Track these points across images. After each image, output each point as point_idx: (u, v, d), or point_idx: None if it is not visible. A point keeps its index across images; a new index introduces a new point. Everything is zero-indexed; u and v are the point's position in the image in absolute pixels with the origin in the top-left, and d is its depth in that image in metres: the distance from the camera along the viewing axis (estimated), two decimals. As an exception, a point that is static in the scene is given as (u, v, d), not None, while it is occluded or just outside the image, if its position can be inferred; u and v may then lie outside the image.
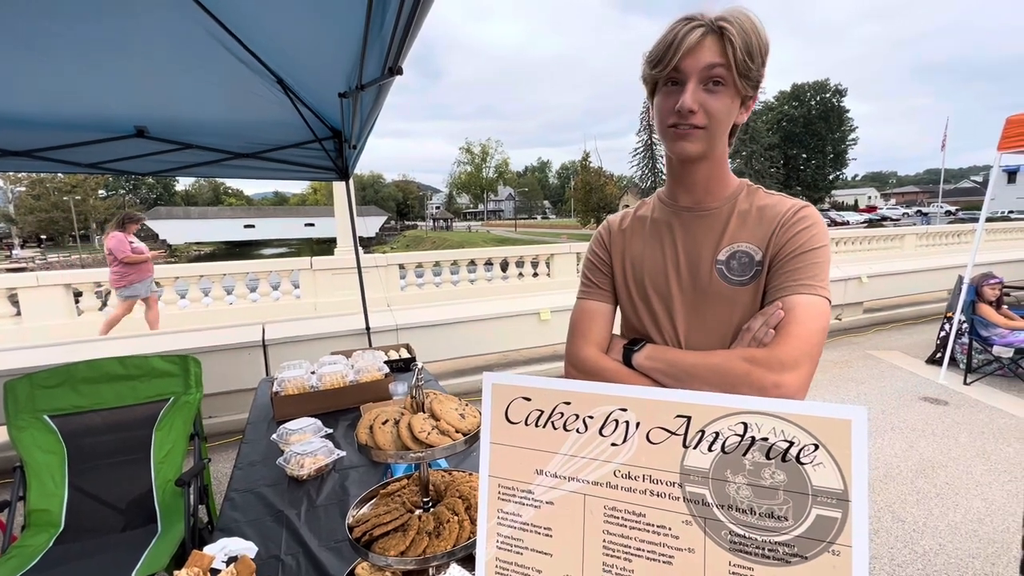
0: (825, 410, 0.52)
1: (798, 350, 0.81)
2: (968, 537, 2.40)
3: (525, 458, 0.65)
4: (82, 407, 2.13)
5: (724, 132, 0.91)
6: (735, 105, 0.89)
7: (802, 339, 0.82)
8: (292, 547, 1.29)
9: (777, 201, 0.95)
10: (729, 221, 0.95)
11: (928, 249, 10.38)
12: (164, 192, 69.70)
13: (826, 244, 0.90)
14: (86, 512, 2.01)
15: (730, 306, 0.92)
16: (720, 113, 0.87)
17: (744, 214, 0.94)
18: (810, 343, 0.82)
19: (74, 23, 1.65)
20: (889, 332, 6.16)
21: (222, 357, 3.63)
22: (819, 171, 45.05)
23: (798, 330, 0.83)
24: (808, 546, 0.51)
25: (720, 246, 0.94)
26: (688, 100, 0.84)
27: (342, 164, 3.21)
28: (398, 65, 1.48)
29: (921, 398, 4.10)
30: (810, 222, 0.90)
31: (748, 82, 0.86)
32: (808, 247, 0.88)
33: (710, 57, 0.83)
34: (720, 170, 0.96)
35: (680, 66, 0.85)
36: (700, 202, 0.97)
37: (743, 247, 0.93)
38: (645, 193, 47.97)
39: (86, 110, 2.35)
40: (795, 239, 0.89)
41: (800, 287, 0.86)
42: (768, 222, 0.92)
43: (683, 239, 0.98)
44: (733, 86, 0.85)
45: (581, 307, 1.09)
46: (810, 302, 0.85)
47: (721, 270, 0.93)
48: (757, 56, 0.85)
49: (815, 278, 0.87)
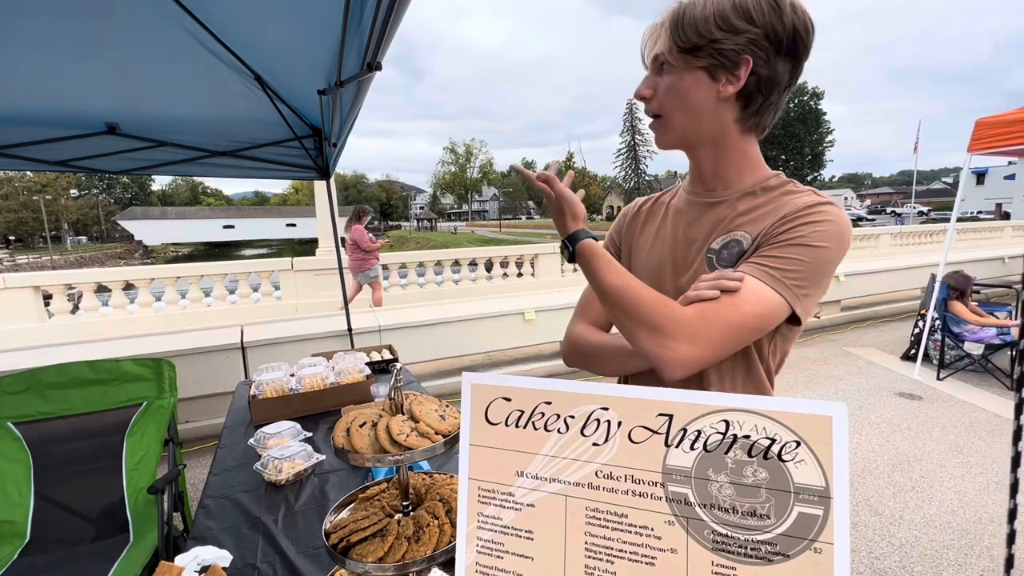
0: (806, 407, 0.52)
1: (694, 327, 0.72)
2: (942, 529, 2.46)
3: (506, 460, 0.64)
4: (49, 413, 2.05)
5: (692, 114, 0.83)
6: (691, 82, 0.81)
7: (708, 321, 0.73)
8: (269, 555, 1.26)
9: (802, 195, 0.83)
10: (735, 209, 0.86)
11: (902, 248, 10.66)
12: (139, 191, 68.12)
13: (827, 246, 0.76)
14: (54, 522, 1.94)
15: None
16: (664, 95, 0.84)
17: (756, 204, 0.85)
18: (713, 329, 0.72)
19: (41, 16, 1.59)
20: (866, 329, 6.30)
21: (198, 360, 3.54)
22: (798, 172, 45.92)
23: (714, 310, 0.73)
24: (790, 544, 0.51)
25: (716, 233, 0.86)
26: (639, 86, 0.86)
27: (323, 163, 3.16)
28: (377, 60, 1.46)
29: (896, 393, 4.20)
30: (823, 218, 0.77)
31: (699, 53, 0.79)
32: (802, 242, 0.76)
33: (658, 44, 0.83)
34: (729, 155, 0.87)
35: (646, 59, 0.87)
36: (714, 190, 0.90)
37: (737, 235, 0.84)
38: (629, 194, 48.33)
39: (54, 106, 2.26)
40: (792, 230, 0.77)
41: (761, 271, 0.75)
42: (775, 213, 0.81)
43: (686, 227, 0.91)
44: (681, 64, 0.81)
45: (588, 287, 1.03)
46: (759, 290, 0.74)
47: (711, 259, 0.85)
48: (709, 23, 0.77)
49: (788, 273, 0.74)
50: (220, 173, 3.22)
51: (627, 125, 50.60)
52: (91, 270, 6.17)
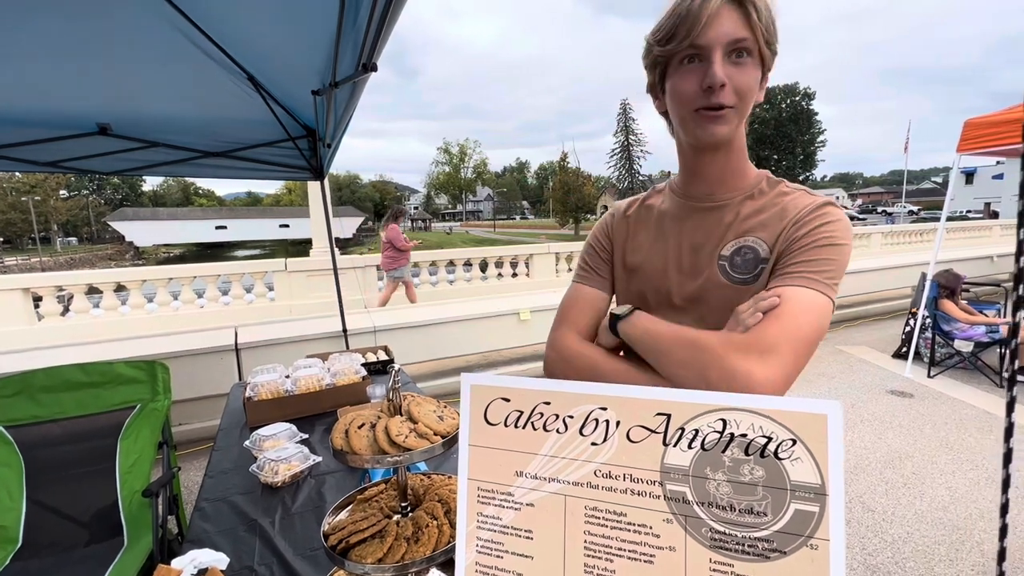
0: (801, 405, 0.52)
1: (781, 339, 0.70)
2: (934, 525, 2.49)
3: (505, 460, 0.64)
4: (41, 417, 2.03)
5: (748, 112, 0.81)
6: (758, 80, 0.79)
7: (788, 331, 0.71)
8: (266, 557, 1.25)
9: (798, 196, 0.84)
10: (739, 214, 0.84)
11: (893, 248, 10.76)
12: (130, 192, 67.53)
13: (847, 243, 0.79)
14: (46, 527, 1.92)
15: (731, 308, 0.79)
16: (750, 88, 0.77)
17: (759, 207, 0.84)
18: (796, 336, 0.71)
19: (32, 15, 1.57)
20: (858, 328, 6.36)
21: (192, 362, 3.52)
22: (790, 172, 46.27)
23: (787, 322, 0.72)
24: (787, 541, 0.51)
25: (726, 239, 0.84)
26: (718, 72, 0.74)
27: (317, 163, 3.15)
28: (372, 61, 1.45)
29: (888, 391, 4.24)
30: (832, 218, 0.79)
31: (771, 48, 0.78)
32: (825, 242, 0.78)
33: (733, 25, 0.74)
34: (738, 159, 0.86)
35: (701, 38, 0.74)
36: (712, 193, 0.88)
37: (750, 241, 0.82)
38: (622, 193, 48.52)
39: (45, 106, 2.24)
40: (812, 233, 0.78)
41: (804, 279, 0.76)
42: (783, 217, 0.81)
43: (690, 232, 0.88)
44: (759, 57, 0.77)
45: (573, 291, 1.01)
46: (810, 297, 0.74)
47: (724, 266, 0.83)
48: (771, 22, 0.76)
49: (824, 274, 0.76)
50: (213, 174, 3.20)
51: (621, 125, 50.80)
52: (82, 272, 6.10)
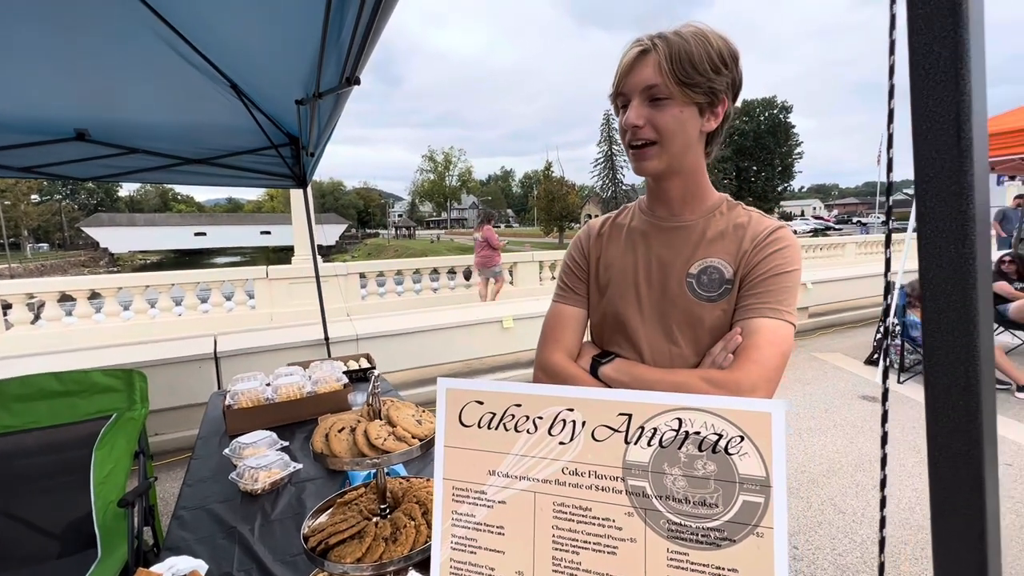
0: (748, 404, 0.57)
1: (756, 375, 0.82)
2: (900, 525, 2.58)
3: (478, 460, 0.68)
4: (13, 427, 1.99)
5: (684, 145, 0.89)
6: (688, 115, 0.87)
7: (761, 364, 0.83)
8: (245, 563, 1.26)
9: (754, 220, 0.94)
10: (704, 235, 0.94)
11: (867, 257, 11.10)
12: (106, 197, 65.84)
13: (797, 268, 0.90)
14: (17, 539, 1.88)
15: (697, 322, 0.92)
16: (669, 126, 0.87)
17: (720, 230, 0.94)
18: (768, 368, 0.83)
19: (9, 20, 1.57)
20: (832, 335, 6.54)
21: (170, 370, 3.47)
22: (768, 183, 47.32)
23: (758, 355, 0.84)
24: (736, 530, 0.56)
25: (692, 260, 0.94)
26: (631, 116, 0.87)
27: (300, 171, 3.15)
28: (356, 75, 1.49)
29: (860, 396, 4.37)
30: (784, 244, 0.90)
31: (696, 89, 0.85)
32: (779, 270, 0.89)
33: (646, 73, 0.85)
34: (695, 183, 0.96)
35: (624, 87, 0.89)
36: (677, 214, 0.97)
37: (714, 262, 0.92)
38: (606, 203, 49.05)
39: (19, 111, 2.22)
40: (767, 261, 0.89)
41: (766, 310, 0.87)
42: (741, 240, 0.92)
43: (656, 250, 0.97)
44: (680, 97, 0.85)
45: (555, 311, 1.08)
46: (774, 327, 0.86)
47: (691, 284, 0.93)
48: (703, 63, 0.84)
49: (782, 303, 0.87)
50: (194, 181, 3.18)
51: (604, 135, 51.45)
52: (54, 279, 5.95)
